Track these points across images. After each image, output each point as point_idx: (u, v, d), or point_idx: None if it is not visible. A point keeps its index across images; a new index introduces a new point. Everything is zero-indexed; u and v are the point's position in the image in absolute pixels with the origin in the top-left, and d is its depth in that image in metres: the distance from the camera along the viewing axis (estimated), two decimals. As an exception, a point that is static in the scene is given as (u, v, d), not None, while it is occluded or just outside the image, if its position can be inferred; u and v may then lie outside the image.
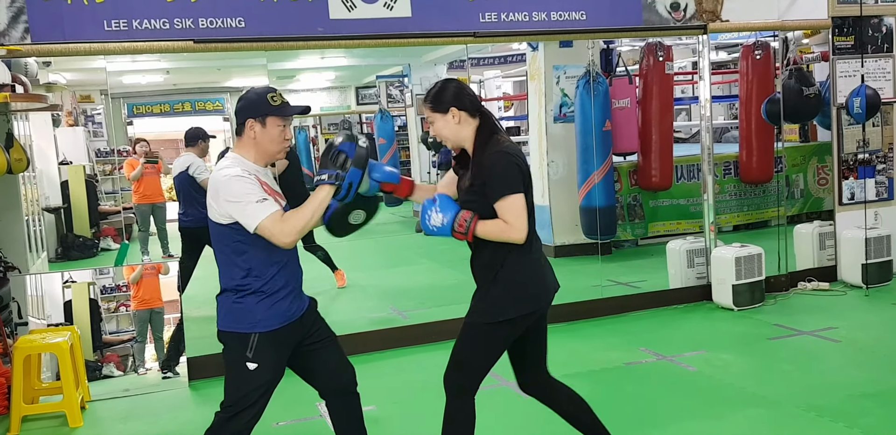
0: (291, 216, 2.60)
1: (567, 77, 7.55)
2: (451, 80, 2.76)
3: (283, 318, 2.71)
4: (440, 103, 2.69)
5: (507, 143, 2.67)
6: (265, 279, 2.67)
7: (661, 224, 7.83)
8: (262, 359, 2.68)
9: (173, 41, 4.59)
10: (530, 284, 2.68)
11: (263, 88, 2.75)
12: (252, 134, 2.69)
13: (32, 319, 5.36)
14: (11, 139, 4.88)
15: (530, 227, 2.64)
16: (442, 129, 2.70)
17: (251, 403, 2.69)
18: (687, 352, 4.68)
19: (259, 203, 2.57)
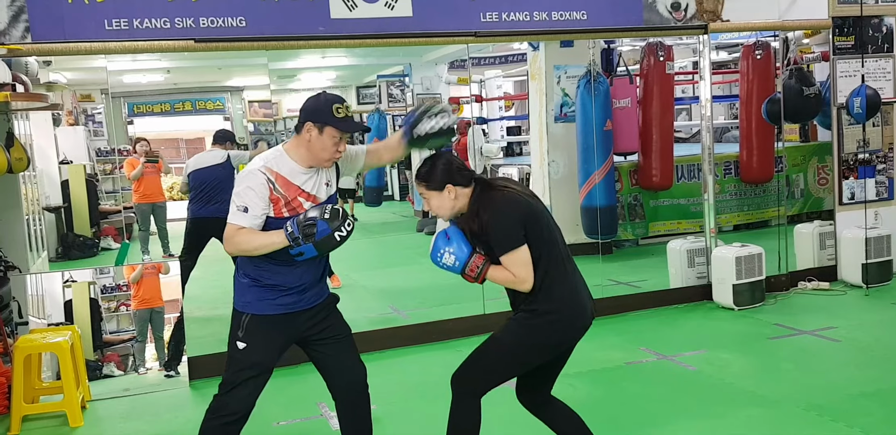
0: (245, 236, 2.68)
1: (568, 77, 7.54)
2: (439, 157, 2.78)
3: (277, 307, 2.76)
4: (434, 182, 2.72)
5: (502, 195, 2.69)
6: (260, 271, 2.76)
7: (661, 224, 7.83)
8: (251, 340, 2.75)
9: (174, 40, 4.59)
10: (563, 318, 2.68)
11: (333, 97, 2.79)
12: (308, 137, 2.73)
13: (33, 319, 5.36)
14: (12, 138, 4.88)
15: (563, 251, 2.71)
16: (439, 206, 2.75)
17: (239, 382, 2.75)
18: (687, 351, 4.68)
19: (238, 210, 2.68)
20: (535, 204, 2.74)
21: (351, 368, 2.92)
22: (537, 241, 2.65)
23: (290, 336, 2.84)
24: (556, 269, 2.68)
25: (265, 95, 14.28)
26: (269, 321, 2.76)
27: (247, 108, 14.64)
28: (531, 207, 2.70)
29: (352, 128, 2.76)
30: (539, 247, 2.65)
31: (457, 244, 2.68)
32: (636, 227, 7.76)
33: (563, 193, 7.52)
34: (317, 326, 2.86)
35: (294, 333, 2.83)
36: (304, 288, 2.81)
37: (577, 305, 2.71)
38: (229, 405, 2.77)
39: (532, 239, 2.64)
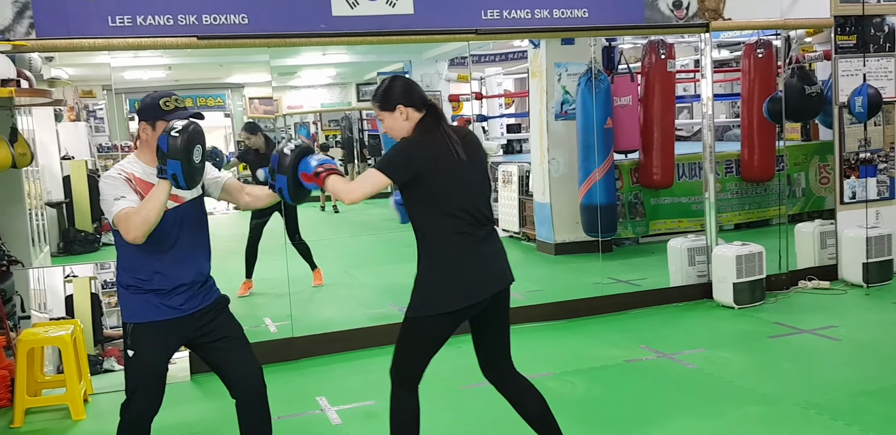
0: (133, 213, 2.67)
1: (569, 74, 7.55)
2: (397, 78, 2.81)
3: (159, 313, 2.79)
4: (387, 101, 2.75)
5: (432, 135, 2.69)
6: (141, 276, 2.79)
7: (662, 222, 7.84)
8: (138, 347, 2.81)
9: (177, 37, 4.60)
10: (458, 279, 2.67)
11: (161, 93, 2.85)
12: (144, 136, 2.82)
13: (35, 313, 5.38)
14: (16, 134, 4.88)
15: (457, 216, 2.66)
16: (391, 127, 2.77)
17: (136, 389, 2.83)
18: (687, 350, 4.70)
19: (115, 200, 2.69)
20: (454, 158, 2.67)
21: (244, 368, 2.95)
22: (422, 198, 2.65)
23: (178, 341, 2.90)
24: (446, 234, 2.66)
25: (266, 92, 14.31)
26: (153, 328, 2.81)
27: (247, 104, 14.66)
28: (441, 157, 2.65)
29: (182, 116, 2.76)
30: (425, 205, 2.66)
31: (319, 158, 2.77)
32: (636, 225, 7.77)
33: (564, 191, 7.54)
34: (205, 327, 2.89)
35: (182, 337, 2.89)
36: (187, 289, 2.83)
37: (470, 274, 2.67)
38: (132, 411, 2.86)
39: (417, 192, 2.65)
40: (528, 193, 8.39)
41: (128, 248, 2.77)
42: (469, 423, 3.74)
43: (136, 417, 2.87)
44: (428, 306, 2.68)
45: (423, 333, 2.73)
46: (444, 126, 2.74)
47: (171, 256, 2.79)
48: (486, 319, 2.80)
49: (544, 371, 4.41)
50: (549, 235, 7.69)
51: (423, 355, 2.77)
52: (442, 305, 2.67)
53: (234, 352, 2.94)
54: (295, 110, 14.63)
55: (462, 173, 2.69)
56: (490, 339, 2.84)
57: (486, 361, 2.87)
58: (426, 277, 2.71)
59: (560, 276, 7.01)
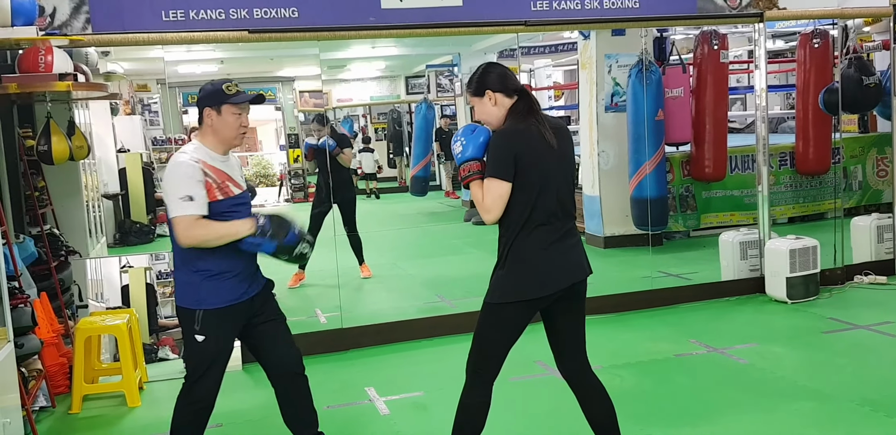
0: (203, 227, 2.78)
1: (619, 66, 7.46)
2: (491, 64, 2.82)
3: (227, 298, 2.90)
4: (477, 88, 2.76)
5: (527, 124, 2.68)
6: (205, 264, 2.87)
7: (713, 215, 7.72)
8: (208, 333, 2.89)
9: (228, 31, 4.67)
10: (537, 269, 2.67)
11: (220, 80, 2.93)
12: (209, 121, 2.89)
13: (92, 302, 5.54)
14: (73, 127, 5.02)
15: (544, 207, 2.65)
16: (482, 112, 2.78)
17: (202, 373, 2.92)
18: (738, 344, 4.62)
19: (181, 200, 2.76)
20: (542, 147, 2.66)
21: (284, 350, 3.06)
22: (520, 184, 2.63)
23: (240, 324, 3.00)
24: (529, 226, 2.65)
25: (315, 85, 14.44)
26: (221, 313, 2.90)
27: (297, 97, 14.82)
28: (533, 149, 2.64)
29: (244, 98, 2.89)
30: (523, 190, 2.63)
31: (474, 142, 2.70)
32: (687, 218, 7.66)
33: (613, 184, 7.46)
34: (257, 310, 3.01)
35: (241, 320, 2.99)
36: (248, 275, 2.96)
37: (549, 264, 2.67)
38: (195, 393, 2.95)
39: (519, 180, 2.63)
40: (577, 186, 8.32)
41: None
42: (518, 415, 3.73)
43: (200, 400, 2.96)
44: (507, 293, 2.69)
45: (501, 320, 2.73)
46: (538, 113, 2.74)
47: (232, 244, 2.86)
48: (561, 310, 2.79)
49: (593, 364, 4.30)
50: (598, 228, 7.63)
51: (500, 343, 2.76)
52: (520, 293, 2.67)
53: (278, 334, 3.06)
54: (344, 103, 14.74)
55: (552, 165, 2.69)
56: (565, 329, 2.83)
57: (560, 351, 2.86)
58: (507, 264, 2.70)
59: (609, 269, 6.94)
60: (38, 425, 3.80)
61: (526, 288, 2.68)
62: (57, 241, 5.15)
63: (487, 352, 2.77)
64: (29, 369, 3.92)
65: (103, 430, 3.94)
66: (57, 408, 4.19)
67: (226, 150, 2.96)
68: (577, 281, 2.74)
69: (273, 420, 3.95)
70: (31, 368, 3.97)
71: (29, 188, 4.89)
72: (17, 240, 4.30)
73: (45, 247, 4.80)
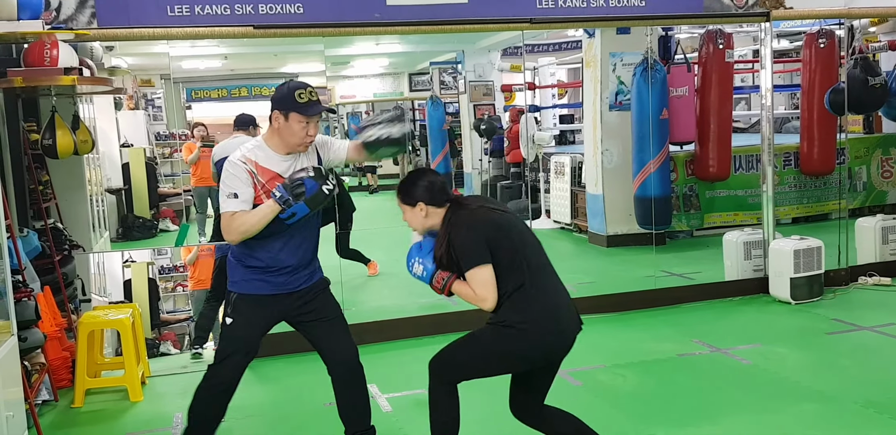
0: (240, 219, 2.82)
1: (624, 64, 7.44)
2: (423, 174, 2.82)
3: (262, 287, 2.94)
4: (409, 197, 2.77)
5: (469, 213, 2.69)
6: (251, 253, 2.93)
7: (717, 215, 7.71)
8: (236, 316, 2.96)
9: (234, 27, 4.66)
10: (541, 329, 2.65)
11: (297, 84, 2.93)
12: (276, 125, 2.90)
13: (95, 297, 5.54)
14: (77, 121, 5.01)
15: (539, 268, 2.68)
16: (411, 220, 2.81)
17: (227, 354, 2.98)
18: (741, 345, 4.61)
19: (227, 197, 2.83)
20: (504, 221, 2.71)
21: (341, 349, 3.08)
22: (504, 259, 2.63)
23: (275, 316, 3.02)
24: (526, 287, 2.64)
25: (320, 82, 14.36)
26: (253, 300, 2.95)
27: (301, 94, 14.72)
28: (497, 225, 2.68)
29: (313, 111, 2.86)
30: (505, 265, 2.63)
31: (426, 257, 2.74)
32: (691, 218, 7.65)
33: (617, 183, 7.45)
34: (305, 306, 3.02)
35: (280, 313, 3.01)
36: (290, 271, 2.97)
37: (546, 322, 2.66)
38: (219, 375, 3.00)
39: (498, 257, 2.63)
40: (580, 185, 8.33)
41: None
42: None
43: (222, 381, 3.01)
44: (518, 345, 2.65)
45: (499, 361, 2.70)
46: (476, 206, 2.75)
47: (280, 244, 2.93)
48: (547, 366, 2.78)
49: (595, 364, 4.38)
50: (601, 226, 7.62)
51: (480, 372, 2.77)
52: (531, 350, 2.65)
53: (332, 332, 3.08)
54: (348, 100, 14.72)
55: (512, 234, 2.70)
56: (540, 384, 2.82)
57: (522, 399, 2.84)
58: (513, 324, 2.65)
59: (612, 268, 6.94)
60: (40, 419, 3.80)
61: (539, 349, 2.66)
62: (60, 235, 5.15)
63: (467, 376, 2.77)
64: (32, 363, 3.93)
65: (106, 424, 3.95)
66: (60, 402, 4.19)
67: (288, 152, 2.94)
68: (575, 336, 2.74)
69: (276, 415, 3.96)
70: (35, 362, 3.98)
71: (33, 182, 4.88)
72: (21, 233, 4.30)
73: (49, 241, 4.80)
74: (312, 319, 3.06)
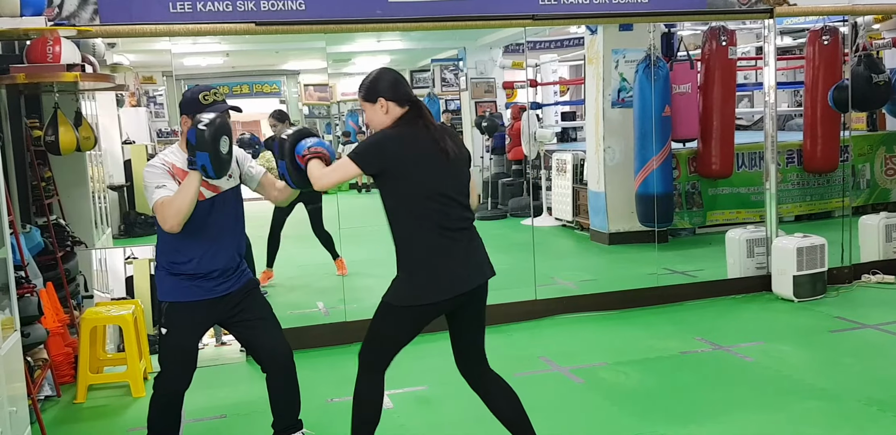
0: (168, 202, 2.83)
1: (626, 61, 7.43)
2: (386, 70, 2.78)
3: (193, 293, 2.98)
4: (369, 93, 2.73)
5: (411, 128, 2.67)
6: (178, 260, 2.98)
7: (719, 213, 7.69)
8: (170, 325, 3.01)
9: (236, 23, 4.65)
10: (438, 273, 2.67)
11: (201, 87, 2.98)
12: (185, 128, 2.92)
13: (97, 293, 5.55)
14: (80, 118, 5.02)
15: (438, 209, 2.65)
16: (371, 118, 2.77)
17: (167, 365, 3.04)
18: (744, 342, 4.60)
19: (157, 188, 2.85)
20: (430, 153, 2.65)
21: (272, 347, 3.13)
22: (398, 191, 2.64)
23: (208, 320, 3.09)
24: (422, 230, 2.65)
25: (321, 79, 14.40)
26: (185, 308, 2.99)
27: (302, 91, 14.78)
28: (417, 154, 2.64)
29: (218, 110, 2.89)
30: (400, 197, 2.64)
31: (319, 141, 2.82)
32: (693, 215, 7.64)
33: (619, 180, 7.44)
34: (236, 308, 3.07)
35: (212, 317, 3.07)
36: (218, 274, 3.01)
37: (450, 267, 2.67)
38: (165, 384, 3.05)
39: (392, 185, 2.63)
40: (582, 182, 8.32)
41: (159, 232, 2.98)
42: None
43: (169, 390, 3.07)
44: (408, 297, 2.68)
45: (400, 322, 2.74)
46: (426, 119, 2.73)
47: (206, 243, 2.97)
48: (462, 314, 2.80)
49: (597, 361, 4.37)
50: (603, 224, 7.61)
51: (395, 343, 2.79)
52: (421, 298, 2.67)
53: (264, 331, 3.13)
54: (349, 97, 14.71)
55: (440, 166, 2.67)
56: (465, 333, 2.84)
57: (460, 354, 2.87)
58: (406, 268, 2.70)
59: (614, 266, 6.93)
60: (43, 414, 3.80)
61: (425, 292, 2.67)
62: (63, 231, 5.15)
63: (383, 350, 2.79)
64: (35, 359, 3.93)
65: (108, 419, 3.95)
66: (62, 397, 4.19)
67: None
68: (476, 285, 2.74)
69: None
70: (37, 358, 3.98)
71: (36, 178, 4.89)
72: (24, 230, 4.30)
73: (52, 237, 4.81)
74: (244, 319, 3.10)
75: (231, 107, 2.98)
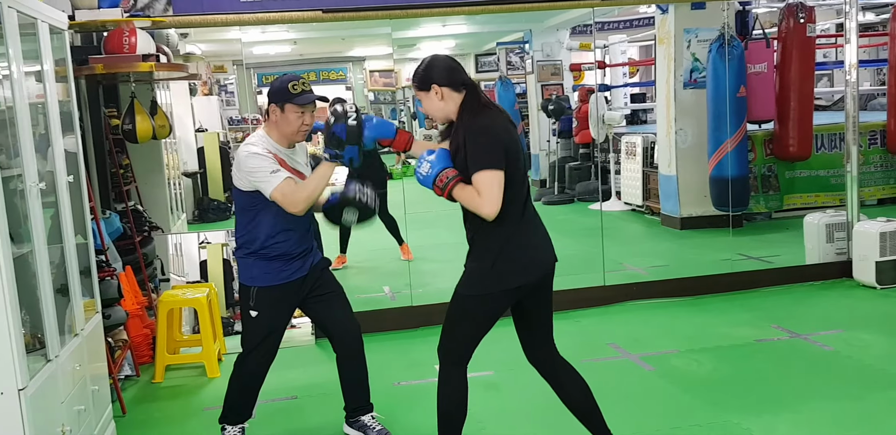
0: (298, 188, 2.92)
1: (699, 41, 7.23)
2: (435, 57, 2.72)
3: (278, 277, 3.09)
4: (422, 82, 2.68)
5: (493, 115, 2.63)
6: (266, 244, 3.06)
7: (797, 196, 7.46)
8: (261, 309, 3.11)
9: (303, 11, 4.68)
10: (514, 258, 2.62)
11: (289, 77, 3.03)
12: (274, 118, 3.03)
13: (173, 276, 5.71)
14: (156, 107, 5.15)
15: (524, 195, 2.64)
16: (428, 107, 2.71)
17: (255, 346, 3.15)
18: (823, 330, 4.45)
19: (273, 173, 2.92)
20: (516, 138, 2.65)
21: (343, 321, 3.24)
22: (513, 176, 2.56)
23: (295, 300, 3.20)
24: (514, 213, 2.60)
25: (385, 65, 14.44)
26: (275, 290, 3.10)
27: (367, 77, 14.86)
28: (513, 140, 2.62)
29: (306, 99, 2.98)
30: (513, 183, 2.56)
31: (438, 156, 2.60)
32: (769, 199, 7.41)
33: (691, 163, 7.27)
34: (313, 285, 3.19)
35: (297, 297, 3.18)
36: (303, 255, 3.14)
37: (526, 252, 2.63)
38: (248, 365, 3.19)
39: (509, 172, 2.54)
40: (652, 165, 8.15)
41: (248, 217, 3.07)
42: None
43: (254, 371, 3.20)
44: (487, 284, 2.65)
45: (480, 311, 2.70)
46: (494, 105, 2.69)
47: (293, 226, 3.07)
48: (533, 299, 2.75)
49: (669, 348, 4.29)
50: (674, 208, 7.45)
51: (476, 334, 2.76)
52: (501, 283, 2.63)
53: (336, 306, 3.24)
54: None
55: (521, 153, 2.65)
56: (536, 316, 2.79)
57: (530, 341, 2.83)
58: (484, 255, 2.65)
59: (686, 251, 6.78)
60: (123, 393, 3.95)
61: (508, 277, 2.63)
62: (140, 217, 5.31)
63: (462, 341, 2.76)
64: (115, 339, 4.08)
65: (184, 399, 4.07)
66: (141, 377, 4.34)
67: (289, 143, 3.10)
68: (551, 269, 2.72)
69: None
70: (118, 339, 4.13)
71: (114, 166, 5.04)
72: (104, 215, 4.44)
73: (130, 222, 4.96)
74: (318, 294, 3.20)
75: (320, 97, 3.05)
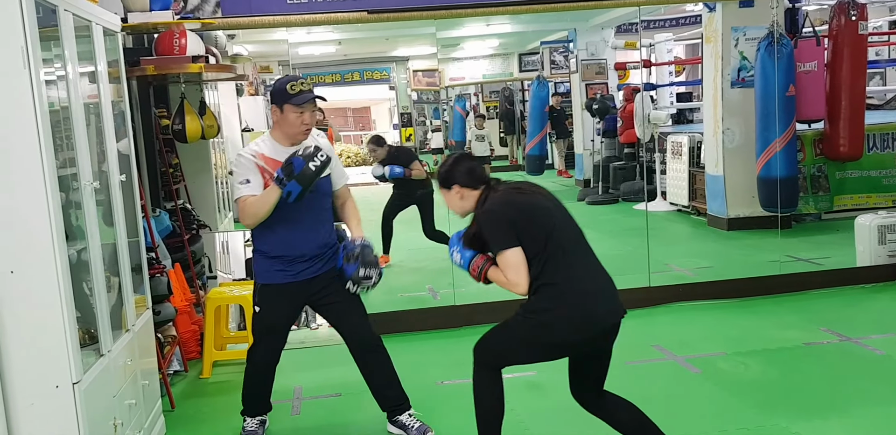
0: (251, 202, 3.05)
1: (747, 39, 7.12)
2: (458, 159, 2.87)
3: (281, 276, 3.18)
4: (444, 181, 2.84)
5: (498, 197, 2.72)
6: (268, 245, 3.18)
7: (848, 197, 7.30)
8: (263, 304, 3.24)
9: (348, 12, 4.73)
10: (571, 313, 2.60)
11: (289, 77, 3.12)
12: (276, 118, 3.13)
13: (220, 274, 5.81)
14: (204, 107, 5.23)
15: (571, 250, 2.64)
16: (449, 203, 2.88)
17: (258, 340, 3.31)
18: (874, 334, 4.35)
19: (240, 184, 3.07)
20: (527, 204, 2.68)
21: (358, 328, 3.31)
22: (531, 241, 2.60)
23: (295, 301, 3.29)
24: (556, 269, 2.59)
25: (429, 64, 14.48)
26: (275, 289, 3.21)
27: (411, 77, 14.91)
28: (520, 208, 2.67)
29: (303, 99, 3.06)
30: (533, 247, 2.59)
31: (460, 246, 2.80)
32: (819, 200, 7.27)
33: (739, 163, 7.17)
34: (322, 291, 3.24)
35: (300, 299, 3.27)
36: (308, 259, 3.18)
37: (573, 311, 2.59)
38: (255, 358, 3.34)
39: (526, 240, 2.60)
40: (699, 165, 8.05)
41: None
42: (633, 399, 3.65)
43: (260, 363, 3.33)
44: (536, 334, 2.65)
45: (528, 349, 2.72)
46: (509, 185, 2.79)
47: (293, 231, 3.15)
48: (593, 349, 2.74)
49: (715, 351, 4.24)
50: (721, 209, 7.35)
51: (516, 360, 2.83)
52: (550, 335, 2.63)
53: (348, 314, 3.30)
54: (456, 82, 14.73)
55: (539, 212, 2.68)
56: (592, 368, 2.78)
57: (579, 387, 2.84)
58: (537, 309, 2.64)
59: (733, 252, 6.68)
60: (172, 388, 4.03)
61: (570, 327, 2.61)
62: (189, 215, 5.41)
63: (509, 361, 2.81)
64: (164, 335, 4.16)
65: (231, 395, 4.12)
66: (189, 372, 4.43)
67: (291, 142, 3.16)
68: (617, 322, 2.68)
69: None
70: (167, 335, 4.22)
71: (164, 165, 5.14)
72: (154, 214, 4.54)
73: (179, 221, 5.05)
74: (329, 302, 3.26)
75: (317, 96, 3.12)
